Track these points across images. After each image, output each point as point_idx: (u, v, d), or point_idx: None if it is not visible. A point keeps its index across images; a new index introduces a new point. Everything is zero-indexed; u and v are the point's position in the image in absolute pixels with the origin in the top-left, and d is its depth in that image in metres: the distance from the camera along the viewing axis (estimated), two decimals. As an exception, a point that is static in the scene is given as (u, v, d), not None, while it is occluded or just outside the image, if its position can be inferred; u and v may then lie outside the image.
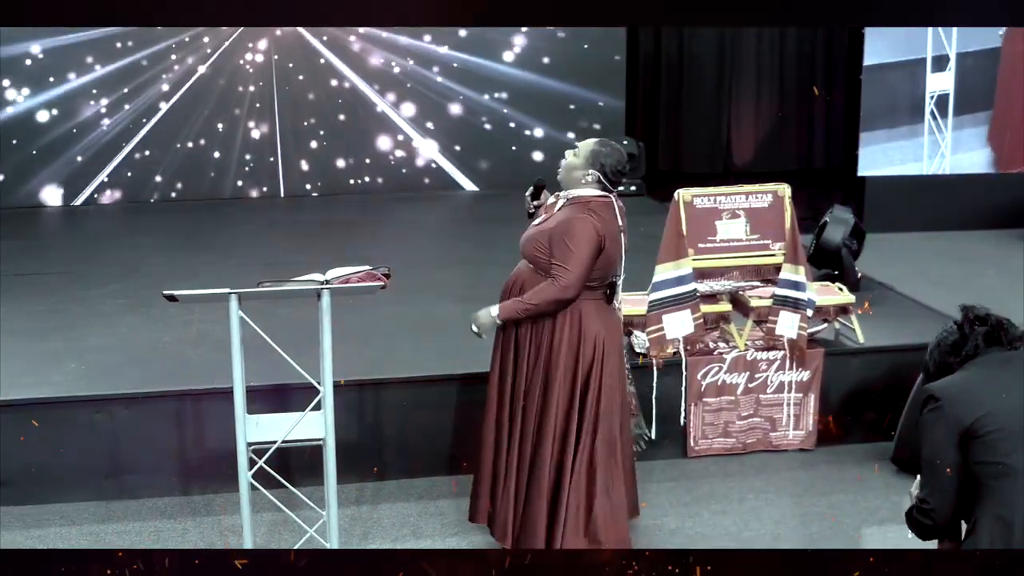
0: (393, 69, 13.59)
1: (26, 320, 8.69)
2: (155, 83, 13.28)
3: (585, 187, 5.91)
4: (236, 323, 5.49)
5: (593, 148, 5.92)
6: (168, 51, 13.24)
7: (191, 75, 13.33)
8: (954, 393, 4.26)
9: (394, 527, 6.61)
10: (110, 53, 13.13)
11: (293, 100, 13.51)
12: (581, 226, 5.76)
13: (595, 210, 5.83)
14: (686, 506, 6.90)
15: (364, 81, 13.58)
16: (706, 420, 7.48)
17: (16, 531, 6.67)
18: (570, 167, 5.96)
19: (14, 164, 13.11)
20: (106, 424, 7.03)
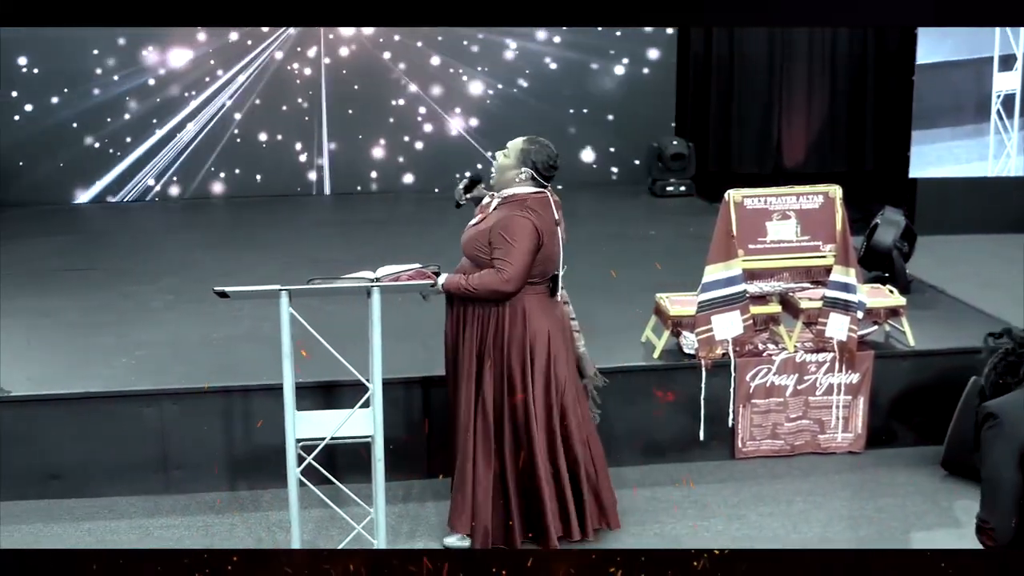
0: (441, 66, 13.60)
1: (78, 315, 8.77)
2: (205, 80, 13.34)
3: (519, 185, 6.02)
4: (286, 320, 5.51)
5: (523, 147, 6.05)
6: (218, 49, 13.30)
7: (241, 73, 13.38)
8: (1013, 411, 4.22)
9: (441, 525, 6.59)
10: (158, 51, 13.21)
11: (343, 98, 13.53)
12: (519, 223, 5.89)
13: (532, 207, 5.96)
14: (733, 508, 6.86)
15: (416, 79, 13.60)
16: (754, 422, 7.44)
17: (66, 523, 6.72)
18: (502, 168, 6.06)
19: (67, 160, 13.22)
20: (155, 419, 7.06)
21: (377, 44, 13.48)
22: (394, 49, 13.51)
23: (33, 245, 11.31)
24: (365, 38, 13.44)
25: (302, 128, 13.49)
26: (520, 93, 13.71)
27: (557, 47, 13.63)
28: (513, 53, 13.64)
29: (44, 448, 7.00)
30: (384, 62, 13.54)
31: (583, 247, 10.78)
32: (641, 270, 9.72)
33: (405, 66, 13.57)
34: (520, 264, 5.87)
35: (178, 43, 13.20)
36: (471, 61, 13.63)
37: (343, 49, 13.45)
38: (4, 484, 6.96)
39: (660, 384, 7.38)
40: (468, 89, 13.66)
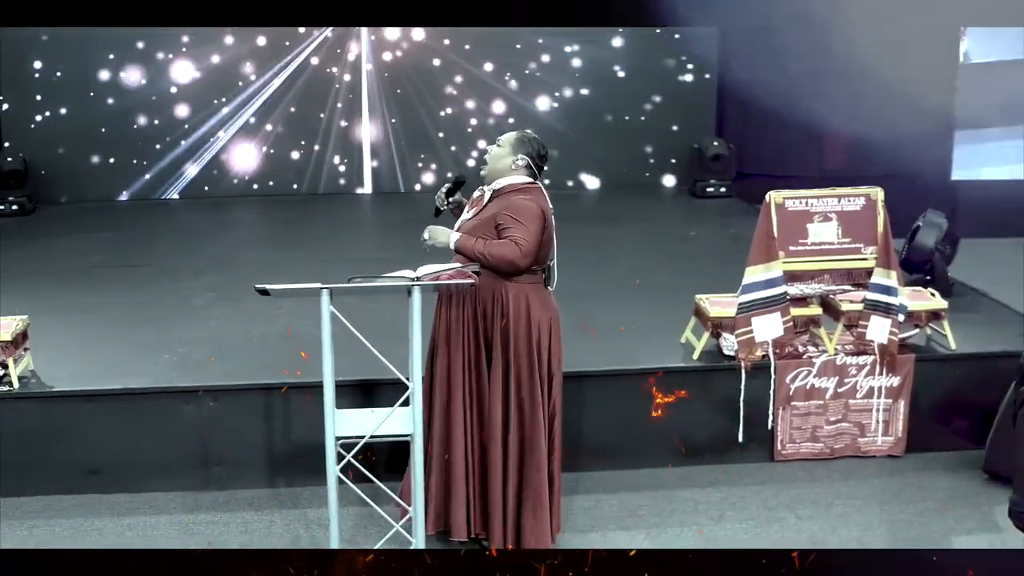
0: (491, 67, 13.62)
1: (121, 311, 8.83)
2: (248, 79, 13.40)
3: (514, 174, 6.07)
4: (327, 318, 5.52)
5: (517, 136, 6.13)
6: (260, 48, 13.36)
7: (283, 72, 13.43)
8: None
9: (479, 524, 6.61)
10: (204, 50, 13.29)
11: (384, 98, 13.57)
12: (527, 205, 5.95)
13: (532, 193, 6.03)
14: (772, 510, 6.84)
15: (462, 79, 13.62)
16: (794, 424, 7.42)
17: (106, 518, 6.77)
18: (497, 157, 6.11)
19: (110, 158, 13.31)
20: (195, 416, 7.10)
21: (421, 45, 13.51)
22: (438, 48, 13.54)
23: (75, 242, 11.40)
24: (410, 38, 13.47)
25: (343, 127, 13.53)
26: (559, 94, 13.71)
27: (598, 49, 13.62)
28: (552, 54, 13.64)
29: (86, 443, 7.05)
30: (428, 61, 13.57)
31: (623, 248, 10.82)
32: (681, 271, 9.71)
33: (448, 66, 13.60)
34: (534, 242, 5.95)
35: (220, 41, 13.26)
36: (514, 62, 13.64)
37: (386, 50, 13.49)
38: (46, 478, 7.02)
39: (698, 384, 7.37)
40: (507, 88, 13.66)
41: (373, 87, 13.55)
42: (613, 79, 13.70)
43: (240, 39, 13.29)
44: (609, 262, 10.28)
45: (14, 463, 7.00)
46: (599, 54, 13.65)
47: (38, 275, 10.04)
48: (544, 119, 13.66)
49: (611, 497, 6.95)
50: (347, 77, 13.51)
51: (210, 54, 13.31)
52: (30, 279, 9.85)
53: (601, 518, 6.72)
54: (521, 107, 13.68)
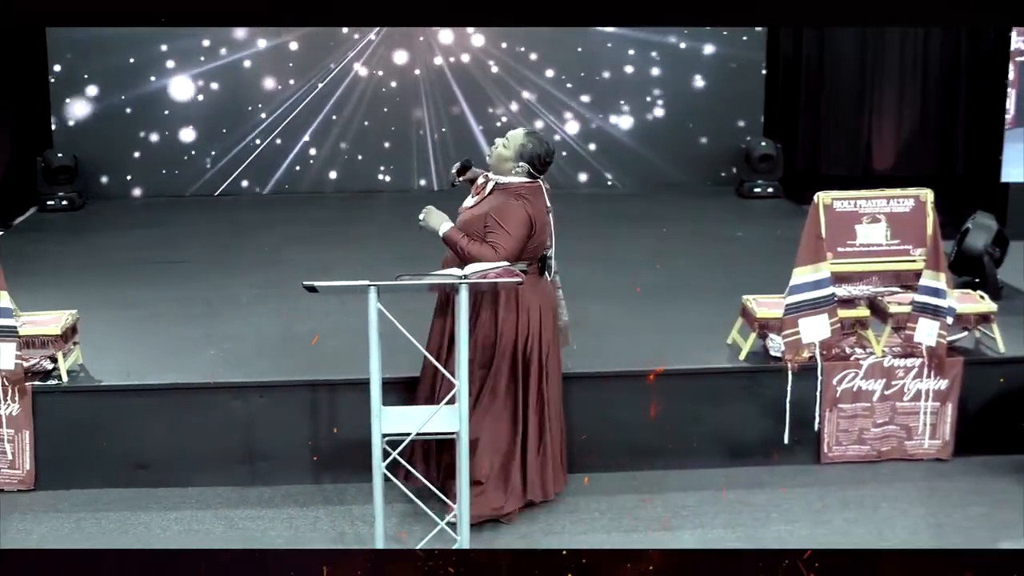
0: (533, 68, 13.62)
1: (169, 306, 8.88)
2: (296, 80, 13.46)
3: (514, 176, 6.28)
4: (374, 315, 5.54)
5: (522, 141, 6.31)
6: (309, 46, 13.42)
7: (332, 70, 13.48)
8: None
9: (524, 523, 6.61)
10: (255, 49, 13.36)
11: (433, 96, 13.59)
12: (515, 210, 6.16)
13: (525, 196, 6.22)
14: (817, 513, 6.81)
15: (509, 79, 13.63)
16: (841, 426, 7.38)
17: (153, 512, 6.81)
18: (501, 157, 6.33)
19: (164, 155, 13.40)
20: (242, 411, 7.13)
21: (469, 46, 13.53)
22: (488, 48, 13.56)
23: (124, 237, 11.48)
24: (460, 40, 13.49)
25: (395, 124, 13.57)
26: (607, 94, 13.70)
27: (644, 47, 13.59)
28: (599, 53, 13.62)
29: (133, 437, 7.10)
30: (478, 59, 13.59)
31: (670, 247, 10.80)
32: (727, 272, 9.68)
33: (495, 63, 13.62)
34: (512, 249, 6.13)
35: (270, 37, 13.33)
36: (560, 61, 13.63)
37: (436, 46, 13.52)
38: (93, 472, 7.07)
39: (744, 385, 7.34)
40: (552, 86, 13.66)
41: (423, 85, 13.58)
42: (659, 77, 13.67)
43: (288, 39, 13.34)
44: (653, 261, 10.26)
45: (62, 456, 7.06)
46: (646, 53, 13.63)
47: (87, 270, 10.12)
48: (588, 116, 13.66)
49: (656, 497, 6.94)
50: (400, 77, 13.55)
51: (259, 51, 13.38)
52: (79, 274, 9.94)
53: (645, 518, 6.70)
54: (567, 103, 13.67)
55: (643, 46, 13.59)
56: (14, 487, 7.03)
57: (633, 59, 13.63)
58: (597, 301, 8.87)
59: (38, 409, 7.04)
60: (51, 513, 6.79)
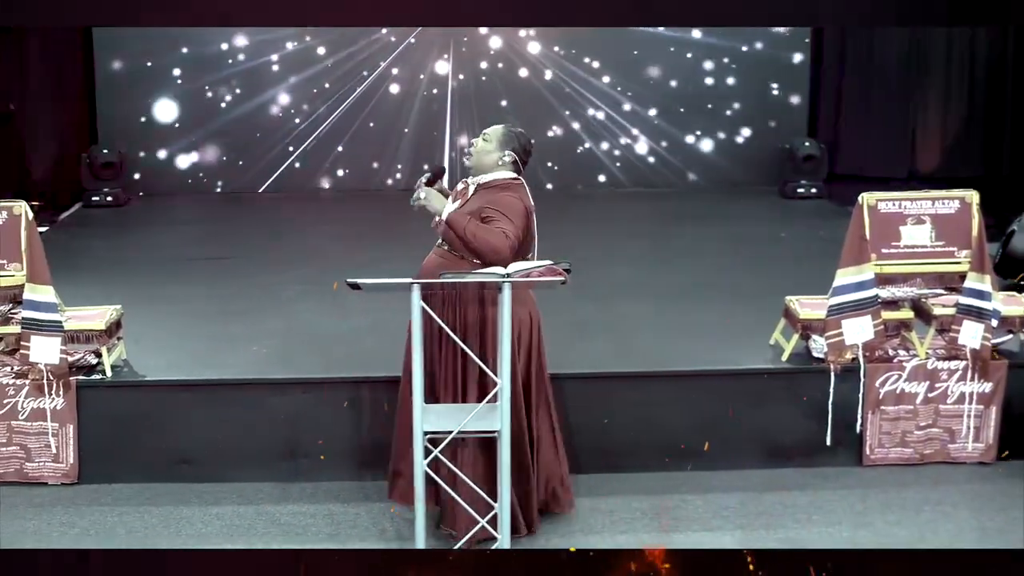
0: (578, 68, 13.63)
1: (212, 302, 8.94)
2: (340, 79, 13.52)
3: (500, 170, 6.13)
4: (418, 313, 5.56)
5: (504, 131, 6.19)
6: (351, 46, 13.47)
7: (376, 69, 13.54)
8: None
9: (564, 522, 6.60)
10: (297, 48, 13.42)
11: (478, 94, 13.62)
12: (512, 201, 5.99)
13: (516, 189, 6.06)
14: (859, 515, 6.77)
15: (558, 78, 13.64)
16: (883, 429, 7.33)
17: (195, 507, 6.84)
18: (483, 151, 6.18)
19: (208, 152, 13.49)
20: (284, 407, 7.16)
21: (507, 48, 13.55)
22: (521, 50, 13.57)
23: (168, 234, 11.56)
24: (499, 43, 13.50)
25: (438, 122, 13.59)
26: (651, 93, 13.68)
27: (691, 46, 13.57)
28: (644, 52, 13.61)
29: (176, 432, 7.14)
30: (523, 58, 13.60)
31: (713, 248, 10.78)
32: (770, 272, 9.66)
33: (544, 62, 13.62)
34: (516, 237, 5.92)
35: (310, 37, 13.37)
36: (604, 60, 13.63)
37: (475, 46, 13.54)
38: (137, 466, 7.11)
39: (786, 387, 7.32)
40: (596, 85, 13.65)
41: (465, 83, 13.61)
42: (703, 76, 13.65)
43: (332, 38, 13.39)
44: (696, 262, 10.25)
45: (106, 450, 7.11)
46: (691, 51, 13.61)
47: (131, 265, 10.20)
48: (630, 117, 13.65)
49: (697, 498, 6.92)
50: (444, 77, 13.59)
51: (306, 50, 13.44)
52: (124, 269, 10.02)
53: (686, 519, 6.69)
54: (608, 102, 13.66)
55: (686, 45, 13.57)
56: (58, 481, 7.08)
57: (675, 58, 13.60)
58: (639, 301, 8.88)
59: (82, 403, 7.09)
60: (94, 507, 6.84)
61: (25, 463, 7.09)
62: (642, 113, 13.69)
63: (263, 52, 13.43)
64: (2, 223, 6.99)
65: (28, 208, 7.01)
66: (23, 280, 6.96)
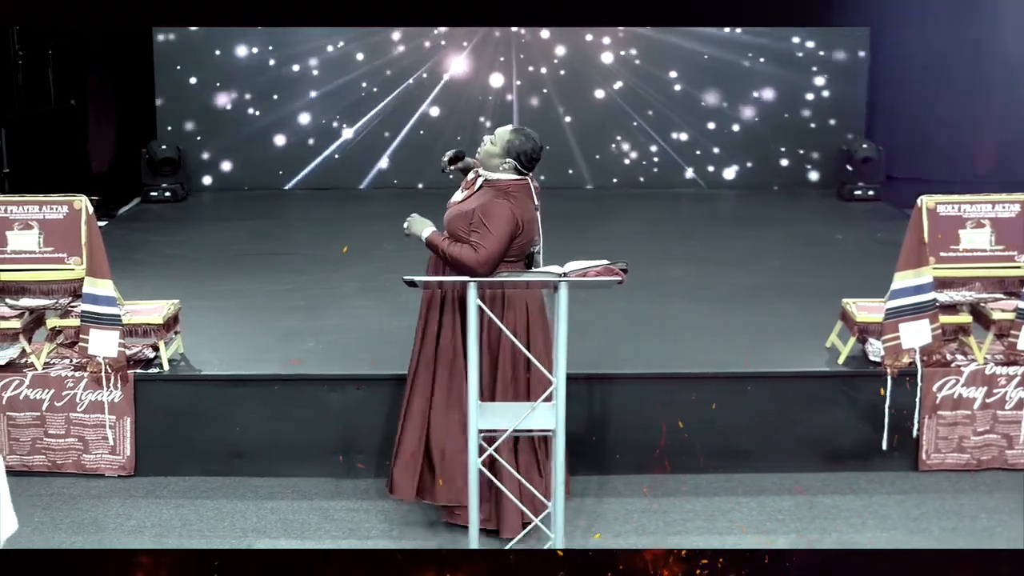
0: (634, 67, 13.62)
1: (269, 298, 8.98)
2: (394, 78, 13.58)
3: (502, 173, 6.18)
4: (474, 311, 5.56)
5: (509, 138, 6.20)
6: (411, 44, 13.51)
7: (437, 68, 13.58)
8: None
9: (617, 522, 6.60)
10: (360, 47, 13.49)
11: (536, 93, 13.64)
12: (499, 210, 6.05)
13: (512, 194, 6.11)
14: (915, 520, 6.72)
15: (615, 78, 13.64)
16: (940, 434, 7.28)
17: (249, 501, 6.88)
18: (488, 154, 6.24)
19: (260, 149, 13.56)
20: (340, 403, 7.18)
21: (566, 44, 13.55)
22: (584, 46, 13.57)
23: (225, 229, 11.64)
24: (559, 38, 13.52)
25: (499, 119, 13.62)
26: (711, 95, 13.65)
27: (748, 48, 13.53)
28: (706, 54, 13.57)
29: (231, 426, 7.18)
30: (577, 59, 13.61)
31: (770, 249, 10.74)
32: (826, 274, 9.61)
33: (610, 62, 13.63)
34: (495, 249, 6.02)
35: (371, 35, 13.43)
36: (663, 63, 13.61)
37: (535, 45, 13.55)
38: (193, 459, 7.16)
39: (842, 390, 7.28)
40: (657, 87, 13.64)
41: (523, 82, 13.62)
42: (762, 78, 13.61)
43: (391, 35, 13.44)
44: (753, 263, 10.21)
45: (162, 444, 7.16)
46: (749, 53, 13.56)
47: (189, 260, 10.28)
48: (690, 118, 13.63)
49: (751, 500, 6.90)
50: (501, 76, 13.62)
51: (371, 50, 13.51)
52: (181, 264, 10.10)
53: (739, 520, 6.67)
54: (670, 105, 13.65)
55: (743, 46, 13.52)
56: (114, 473, 7.15)
57: (730, 59, 13.56)
58: (694, 301, 8.86)
59: (139, 397, 7.15)
60: (150, 499, 6.89)
61: (83, 455, 7.15)
62: (697, 113, 13.65)
63: (325, 48, 13.49)
64: (63, 217, 7.05)
65: (88, 203, 7.07)
66: (83, 274, 7.03)
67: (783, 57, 13.58)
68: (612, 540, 6.40)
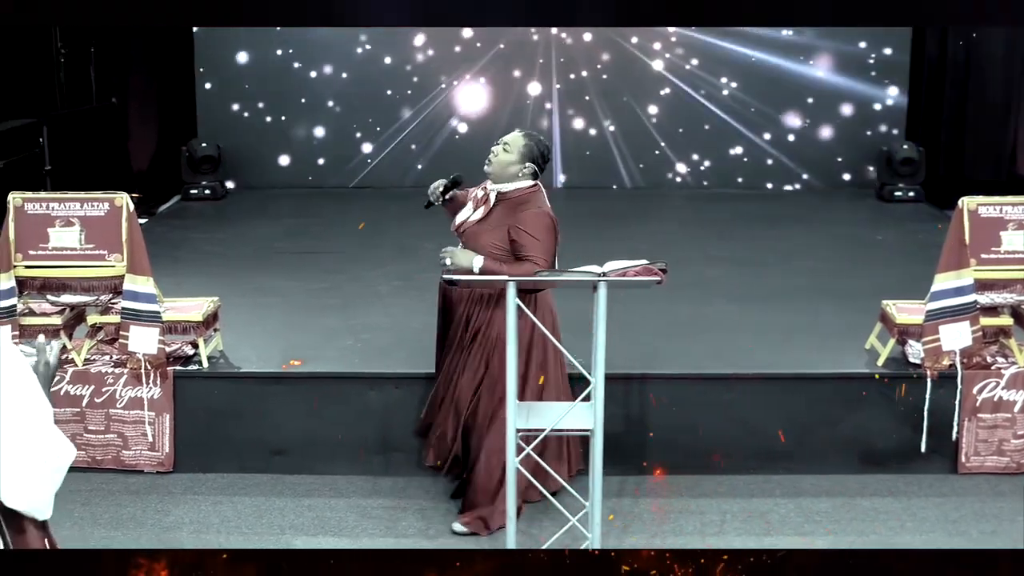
0: (685, 63, 13.60)
1: (307, 296, 9.01)
2: (438, 77, 13.59)
3: (520, 180, 6.17)
4: (513, 310, 5.56)
5: (525, 142, 6.20)
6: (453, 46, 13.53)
7: (472, 69, 13.60)
8: None
9: (655, 522, 6.60)
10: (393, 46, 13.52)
11: (578, 93, 13.64)
12: (543, 220, 6.10)
13: (540, 202, 6.16)
14: (954, 523, 6.69)
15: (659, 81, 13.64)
16: (979, 436, 7.24)
17: (287, 498, 6.90)
18: (504, 163, 6.18)
19: (293, 146, 13.61)
20: (378, 402, 7.20)
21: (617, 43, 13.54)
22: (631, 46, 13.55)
23: (265, 227, 11.68)
24: (603, 36, 13.50)
25: (540, 119, 13.63)
26: (749, 96, 13.61)
27: (788, 49, 13.49)
28: (746, 56, 13.54)
29: (270, 424, 7.21)
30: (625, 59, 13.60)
31: (809, 250, 10.70)
32: (866, 275, 9.58)
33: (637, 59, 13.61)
34: (551, 255, 6.09)
35: (413, 33, 13.45)
36: (700, 62, 13.58)
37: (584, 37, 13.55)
38: (231, 456, 7.19)
39: (881, 392, 7.25)
40: (692, 90, 13.61)
41: (568, 83, 13.63)
42: (799, 78, 13.56)
43: (435, 37, 13.47)
44: (791, 263, 10.19)
45: (201, 440, 7.20)
46: (788, 53, 13.52)
47: (228, 258, 10.33)
48: (731, 119, 13.59)
49: (788, 501, 6.88)
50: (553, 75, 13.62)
51: (402, 49, 13.53)
52: (221, 261, 10.15)
53: (777, 522, 6.65)
54: (708, 104, 13.62)
55: (784, 48, 13.48)
56: (153, 469, 7.18)
57: (774, 59, 13.52)
58: (733, 302, 8.84)
59: (178, 393, 7.19)
60: (188, 495, 6.92)
61: (122, 451, 7.20)
62: (738, 114, 13.61)
63: (363, 46, 13.52)
64: (104, 214, 7.09)
65: (129, 200, 7.11)
66: (124, 271, 7.07)
67: (825, 57, 13.52)
68: (647, 541, 6.39)
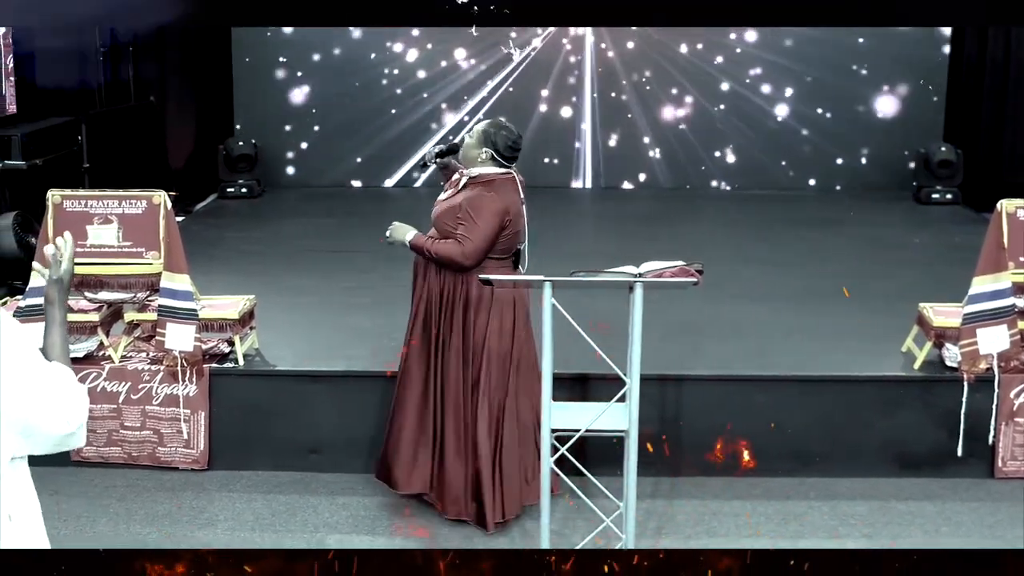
0: (712, 62, 13.58)
1: (343, 295, 9.03)
2: (465, 74, 13.62)
3: (483, 165, 6.25)
4: (548, 310, 5.56)
5: (485, 128, 6.29)
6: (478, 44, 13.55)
7: (500, 67, 13.61)
8: None
9: (688, 524, 6.58)
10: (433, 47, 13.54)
11: (613, 93, 13.63)
12: (487, 203, 6.16)
13: (498, 188, 6.20)
14: (990, 528, 6.65)
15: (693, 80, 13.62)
16: (1017, 441, 7.19)
17: (322, 496, 6.91)
18: (467, 147, 6.32)
19: (329, 145, 13.65)
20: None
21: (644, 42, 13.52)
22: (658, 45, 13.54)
23: (301, 226, 11.73)
24: (631, 35, 13.49)
25: (569, 121, 13.62)
26: (784, 96, 13.58)
27: (825, 47, 13.45)
28: (783, 55, 13.51)
29: (305, 422, 7.23)
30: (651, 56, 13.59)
31: (846, 252, 10.66)
32: (902, 278, 9.54)
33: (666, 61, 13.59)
34: (481, 242, 6.14)
35: (452, 39, 13.49)
36: (727, 60, 13.57)
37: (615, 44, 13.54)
38: (267, 454, 7.22)
39: (918, 395, 7.21)
40: (723, 88, 13.59)
41: (602, 82, 13.62)
42: (838, 78, 13.52)
43: (463, 37, 13.49)
44: (827, 265, 10.15)
45: (237, 438, 7.22)
46: (824, 54, 13.48)
47: (265, 256, 10.37)
48: (765, 120, 13.57)
49: (823, 504, 6.85)
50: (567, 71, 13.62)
51: (440, 51, 13.56)
52: (257, 260, 10.19)
53: (811, 525, 6.63)
54: (743, 105, 13.60)
55: (819, 45, 13.44)
56: (188, 466, 7.21)
57: (808, 59, 13.49)
58: (768, 303, 8.82)
59: (214, 391, 7.22)
60: (223, 493, 6.95)
61: (158, 447, 7.23)
62: (771, 114, 13.58)
63: (396, 48, 13.56)
64: (141, 212, 7.13)
65: (167, 198, 7.14)
66: (161, 268, 7.10)
67: (862, 58, 13.48)
68: (681, 541, 6.38)
